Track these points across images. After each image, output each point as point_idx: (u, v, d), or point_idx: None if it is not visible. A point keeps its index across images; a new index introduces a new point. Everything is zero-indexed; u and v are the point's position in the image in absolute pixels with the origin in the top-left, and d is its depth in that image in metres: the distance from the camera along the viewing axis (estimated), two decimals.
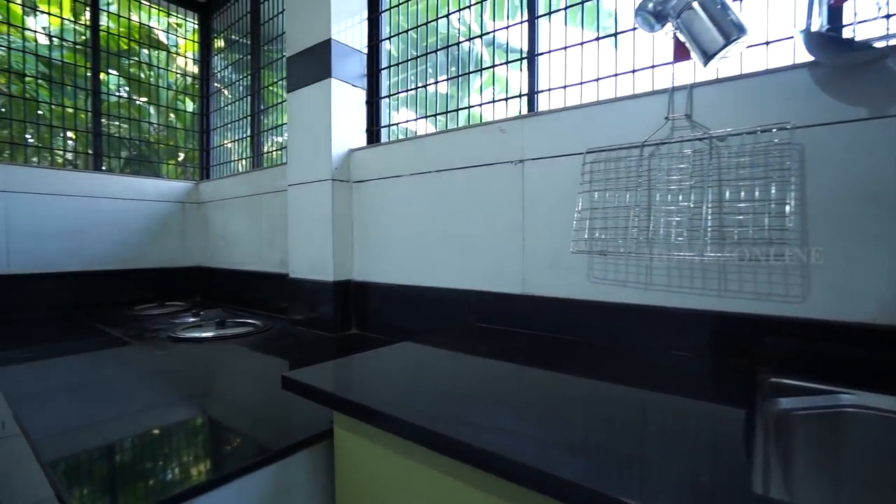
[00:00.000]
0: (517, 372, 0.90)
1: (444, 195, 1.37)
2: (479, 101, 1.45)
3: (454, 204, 1.35)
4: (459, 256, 1.34)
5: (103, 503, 0.62)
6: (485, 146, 1.28)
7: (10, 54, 2.15)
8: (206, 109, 2.67)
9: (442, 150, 1.38)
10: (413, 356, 1.03)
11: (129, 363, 1.29)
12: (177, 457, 0.74)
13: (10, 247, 1.91)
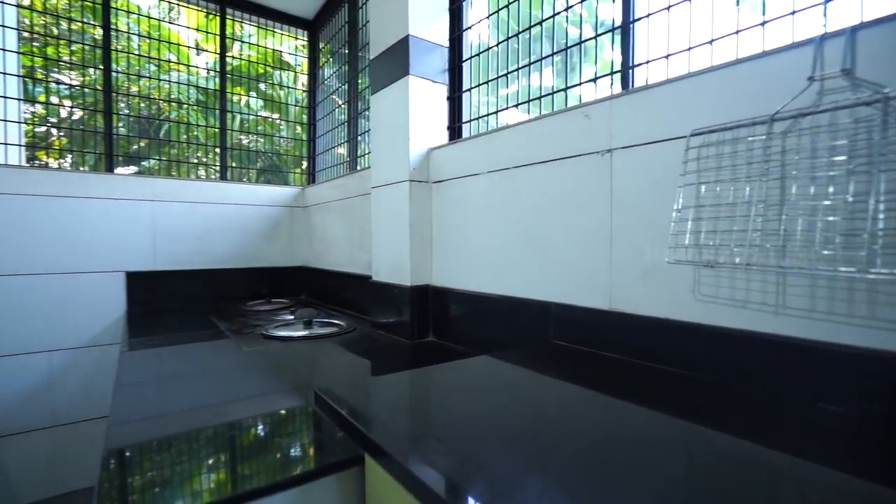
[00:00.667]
0: (598, 408, 0.73)
1: (522, 194, 1.22)
2: (567, 86, 1.26)
3: (533, 203, 1.19)
4: (539, 264, 1.17)
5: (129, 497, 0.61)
6: (567, 136, 1.10)
7: (168, 85, 2.52)
8: (312, 119, 2.86)
9: (519, 144, 1.22)
10: (483, 375, 0.91)
11: (218, 356, 1.38)
12: (212, 460, 0.73)
13: (157, 248, 2.23)
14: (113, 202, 2.12)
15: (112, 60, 2.25)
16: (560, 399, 0.81)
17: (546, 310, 1.14)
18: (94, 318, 2.09)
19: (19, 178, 1.93)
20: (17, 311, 1.93)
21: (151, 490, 0.65)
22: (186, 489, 0.66)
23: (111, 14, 2.25)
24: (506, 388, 0.88)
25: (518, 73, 1.41)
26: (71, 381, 2.05)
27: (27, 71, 2.41)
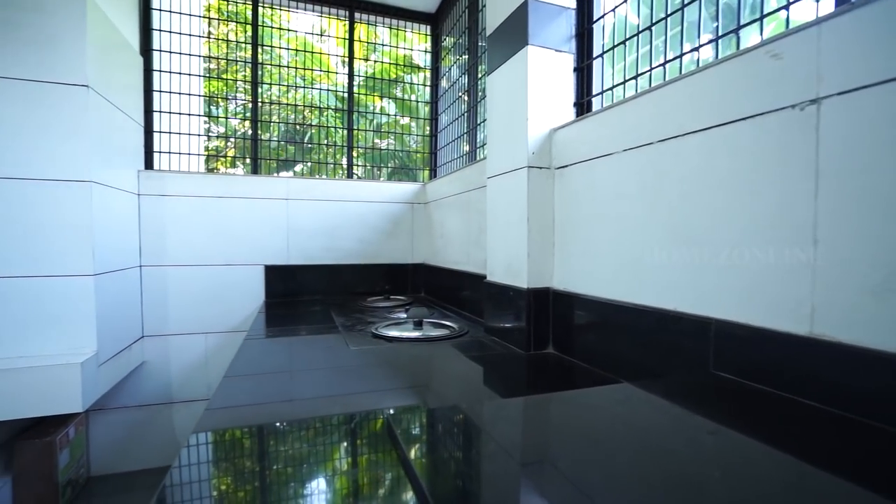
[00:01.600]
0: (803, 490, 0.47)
1: (670, 175, 0.93)
2: (738, 25, 0.94)
3: (685, 187, 0.90)
4: (693, 266, 0.88)
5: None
6: (740, 89, 0.79)
7: (310, 94, 2.71)
8: (435, 113, 2.81)
9: (666, 109, 0.94)
10: (623, 413, 0.69)
11: (325, 352, 1.36)
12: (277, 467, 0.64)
13: (290, 243, 2.39)
14: (255, 201, 2.33)
15: (260, 74, 2.47)
16: (742, 467, 0.55)
17: (703, 328, 0.85)
18: (240, 306, 2.32)
19: (196, 182, 2.22)
20: (184, 296, 2.22)
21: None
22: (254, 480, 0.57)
23: (258, 32, 2.48)
24: (656, 439, 0.65)
25: (667, 26, 1.11)
26: (221, 362, 2.29)
27: (208, 92, 2.80)
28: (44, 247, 1.61)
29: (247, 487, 0.63)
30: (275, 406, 0.93)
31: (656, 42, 1.15)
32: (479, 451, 0.66)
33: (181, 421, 2.26)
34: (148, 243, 2.16)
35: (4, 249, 1.56)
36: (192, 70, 2.41)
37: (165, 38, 2.32)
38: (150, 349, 2.19)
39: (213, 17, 2.63)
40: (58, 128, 1.61)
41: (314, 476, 0.66)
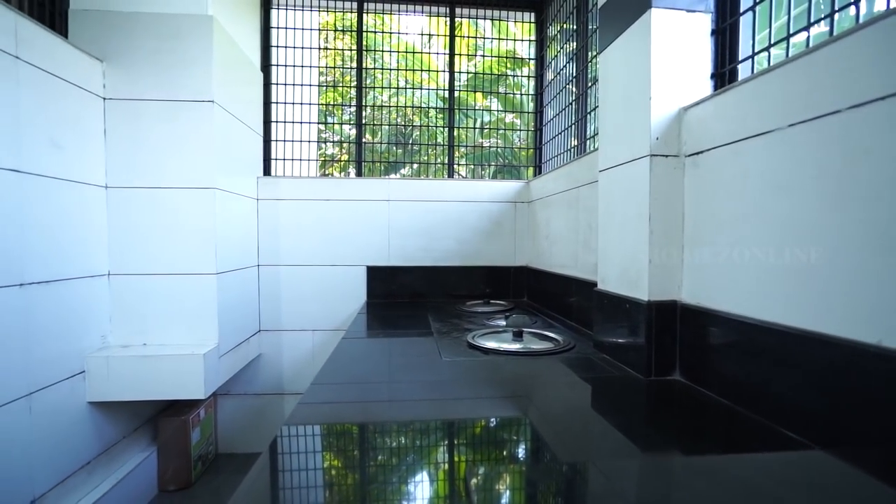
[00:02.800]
0: None
1: (869, 156, 0.66)
2: None
3: (889, 173, 0.63)
4: (888, 279, 0.61)
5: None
6: None
7: (413, 94, 2.72)
8: (539, 106, 2.62)
9: (851, 65, 0.67)
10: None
11: (416, 360, 1.28)
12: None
13: (391, 243, 2.40)
14: (359, 203, 2.37)
15: (365, 79, 2.53)
16: None
17: None
18: (344, 305, 2.38)
19: (306, 186, 2.35)
20: (295, 294, 2.35)
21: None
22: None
23: (363, 37, 2.54)
24: None
25: None
26: (325, 358, 2.38)
27: (320, 101, 2.96)
28: (176, 248, 1.78)
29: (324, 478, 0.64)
30: (353, 405, 0.87)
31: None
32: None
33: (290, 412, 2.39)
34: (265, 244, 2.32)
35: (146, 250, 1.76)
36: (305, 81, 2.54)
37: (282, 54, 2.48)
38: (266, 343, 2.36)
39: (325, 29, 2.76)
40: (187, 140, 1.78)
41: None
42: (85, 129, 1.65)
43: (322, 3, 2.53)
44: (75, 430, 1.60)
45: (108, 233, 1.75)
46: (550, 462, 0.72)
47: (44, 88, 1.46)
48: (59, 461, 1.53)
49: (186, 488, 2.07)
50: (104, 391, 1.66)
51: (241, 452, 2.39)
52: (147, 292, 1.78)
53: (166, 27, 1.75)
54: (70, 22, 1.72)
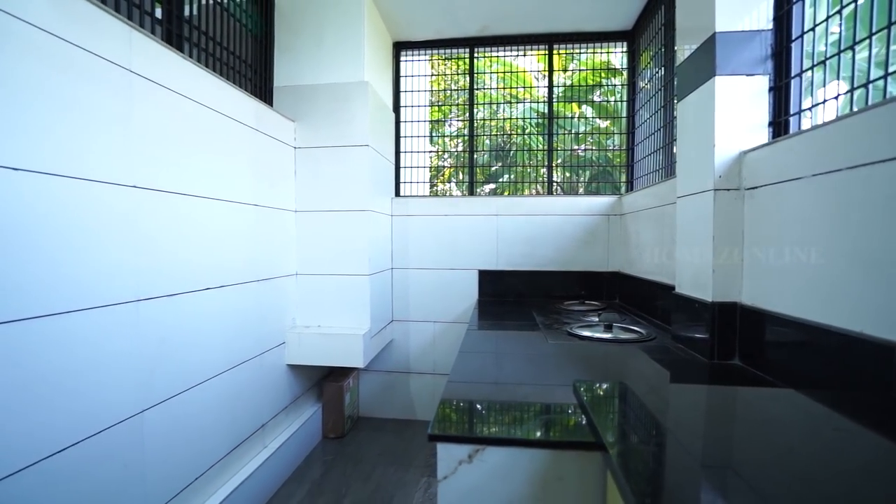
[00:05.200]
0: None
1: (862, 203, 0.96)
2: None
3: (863, 215, 0.92)
4: (867, 286, 0.90)
5: (444, 428, 0.96)
6: None
7: (514, 114, 3.17)
8: (631, 127, 2.89)
9: (847, 138, 0.97)
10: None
11: (528, 345, 1.70)
12: (495, 417, 1.00)
13: (499, 251, 2.85)
14: (471, 217, 2.86)
15: (475, 112, 3.02)
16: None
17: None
18: (459, 302, 2.88)
19: (429, 204, 2.90)
20: (419, 291, 2.91)
21: (459, 423, 0.98)
22: (483, 428, 0.95)
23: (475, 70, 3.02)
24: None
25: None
26: (444, 345, 2.90)
27: (432, 123, 3.53)
28: (341, 255, 2.41)
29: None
30: (488, 385, 1.32)
31: (861, 56, 1.13)
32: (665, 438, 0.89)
33: (415, 387, 2.95)
34: (397, 251, 2.91)
35: (321, 257, 2.41)
36: (426, 115, 3.10)
37: (408, 95, 3.07)
38: (397, 330, 2.94)
39: (440, 74, 3.30)
40: (349, 175, 2.39)
41: (505, 429, 1.00)
42: (285, 171, 2.34)
43: (439, 51, 3.06)
44: (280, 382, 2.28)
45: (297, 244, 2.43)
46: (647, 410, 1.10)
47: (268, 146, 2.15)
48: (274, 402, 2.21)
49: (341, 437, 2.72)
50: (297, 357, 2.33)
51: (375, 416, 3.01)
52: (321, 288, 2.43)
53: (337, 93, 2.39)
54: (275, 95, 2.44)
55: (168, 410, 1.51)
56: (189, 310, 1.61)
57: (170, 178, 1.52)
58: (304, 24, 2.44)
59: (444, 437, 0.89)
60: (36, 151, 1.09)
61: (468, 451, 0.88)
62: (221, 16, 2.04)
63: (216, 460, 1.77)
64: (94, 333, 1.24)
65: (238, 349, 1.92)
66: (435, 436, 0.89)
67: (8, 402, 1.03)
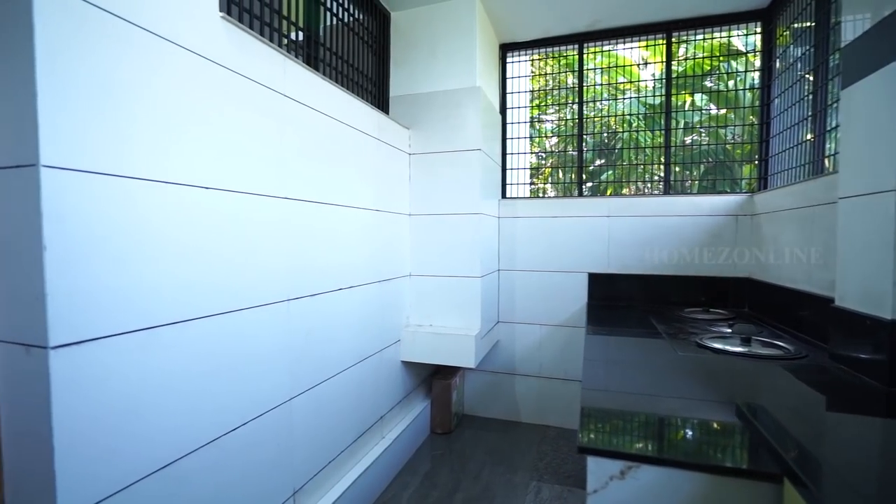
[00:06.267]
0: None
1: None
2: None
3: None
4: None
5: (595, 440, 0.94)
6: None
7: (620, 108, 3.02)
8: (765, 117, 2.60)
9: None
10: None
11: (655, 354, 1.61)
12: (645, 431, 0.96)
13: (610, 254, 2.73)
14: (581, 219, 2.78)
15: (583, 105, 2.92)
16: None
17: None
18: (566, 305, 2.82)
19: (536, 206, 2.88)
20: (525, 294, 2.89)
21: (607, 435, 0.96)
22: (636, 443, 0.92)
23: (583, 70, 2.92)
24: None
25: None
26: (550, 349, 2.86)
27: (534, 122, 3.49)
28: (452, 257, 2.47)
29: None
30: (625, 395, 1.27)
31: None
32: (825, 439, 0.80)
33: (520, 389, 2.94)
34: (503, 253, 2.92)
35: (432, 259, 2.50)
36: (530, 117, 3.07)
37: (513, 97, 3.06)
38: (502, 332, 2.96)
39: (545, 74, 3.24)
40: (460, 179, 2.45)
41: (653, 449, 0.96)
42: (401, 176, 2.46)
43: (546, 50, 3.01)
44: (396, 377, 2.41)
45: (411, 246, 2.55)
46: (832, 442, 1.00)
47: (387, 153, 2.28)
48: (390, 396, 2.35)
49: (448, 433, 2.80)
50: (411, 354, 2.45)
51: (479, 415, 3.05)
52: (433, 289, 2.52)
53: (449, 99, 2.46)
54: (391, 105, 2.57)
55: (311, 399, 1.68)
56: (326, 308, 1.77)
57: (310, 189, 1.68)
58: (418, 36, 2.54)
59: (595, 451, 0.88)
60: (217, 170, 1.27)
61: (620, 467, 0.86)
62: (347, 34, 2.20)
63: (345, 446, 1.93)
64: (258, 328, 1.41)
65: (364, 344, 2.06)
66: (586, 448, 0.88)
67: (203, 385, 1.21)
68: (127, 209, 1.02)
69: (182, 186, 1.16)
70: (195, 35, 1.19)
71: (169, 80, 1.12)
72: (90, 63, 0.95)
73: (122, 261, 1.01)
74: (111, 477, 0.99)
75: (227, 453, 1.30)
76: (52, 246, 0.88)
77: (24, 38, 0.86)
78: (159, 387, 1.10)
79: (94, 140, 0.96)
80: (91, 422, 0.95)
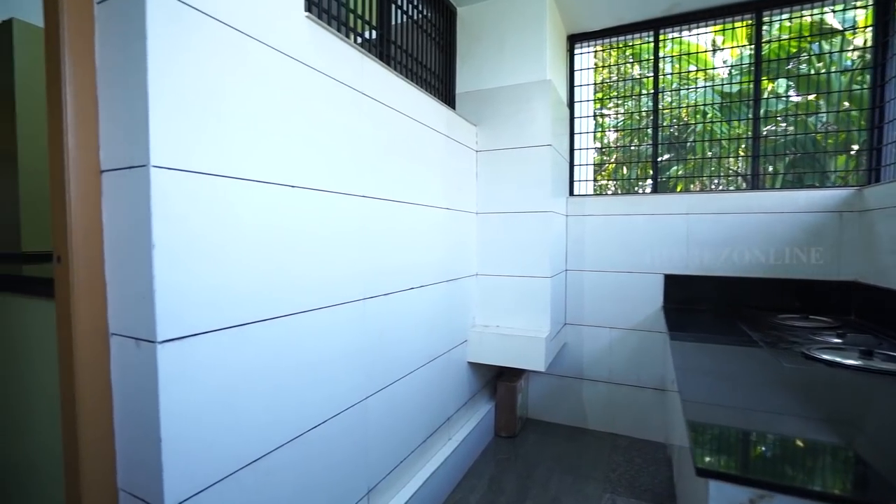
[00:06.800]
0: None
1: None
2: None
3: None
4: None
5: (717, 463, 0.85)
6: None
7: (694, 98, 2.82)
8: (877, 101, 2.31)
9: None
10: None
11: (756, 365, 1.46)
12: (771, 453, 0.86)
13: (689, 254, 2.55)
14: (656, 216, 2.61)
15: (660, 95, 2.74)
16: None
17: None
18: (639, 308, 2.66)
19: (607, 203, 2.75)
20: (594, 295, 2.76)
21: (727, 456, 0.86)
22: (758, 470, 0.82)
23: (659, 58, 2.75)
24: None
25: None
26: (622, 353, 2.71)
27: (599, 115, 3.33)
28: (519, 257, 2.40)
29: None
30: (734, 410, 1.15)
31: None
32: None
33: (588, 394, 2.82)
34: (571, 253, 2.81)
35: (499, 258, 2.44)
36: (596, 110, 2.92)
37: (581, 91, 2.93)
38: (569, 334, 2.84)
39: (618, 64, 3.08)
40: (530, 176, 2.37)
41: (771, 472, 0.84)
42: (468, 174, 2.42)
43: (617, 38, 2.85)
44: (462, 378, 2.38)
45: (477, 245, 2.50)
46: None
47: (456, 151, 2.24)
48: (457, 397, 2.32)
49: (512, 437, 2.73)
50: (477, 355, 2.40)
51: (543, 420, 2.96)
52: (499, 289, 2.46)
53: (518, 94, 2.38)
54: (457, 102, 2.54)
55: (385, 398, 1.67)
56: (398, 308, 1.76)
57: (385, 186, 1.67)
58: (485, 31, 2.49)
59: (720, 475, 0.79)
60: (300, 168, 1.28)
61: (749, 496, 0.76)
62: (416, 32, 2.18)
63: (415, 447, 1.92)
64: (336, 326, 1.42)
65: (433, 345, 2.04)
66: (707, 471, 0.79)
67: (288, 382, 1.23)
68: (224, 208, 1.04)
69: (271, 185, 1.17)
70: (283, 35, 1.21)
71: (258, 79, 1.14)
72: (192, 65, 0.97)
73: (219, 258, 1.03)
74: (210, 468, 1.02)
75: (309, 450, 1.31)
76: (160, 244, 0.91)
77: (137, 42, 0.90)
78: (250, 382, 1.12)
79: (196, 140, 0.98)
80: (192, 415, 0.98)
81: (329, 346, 1.39)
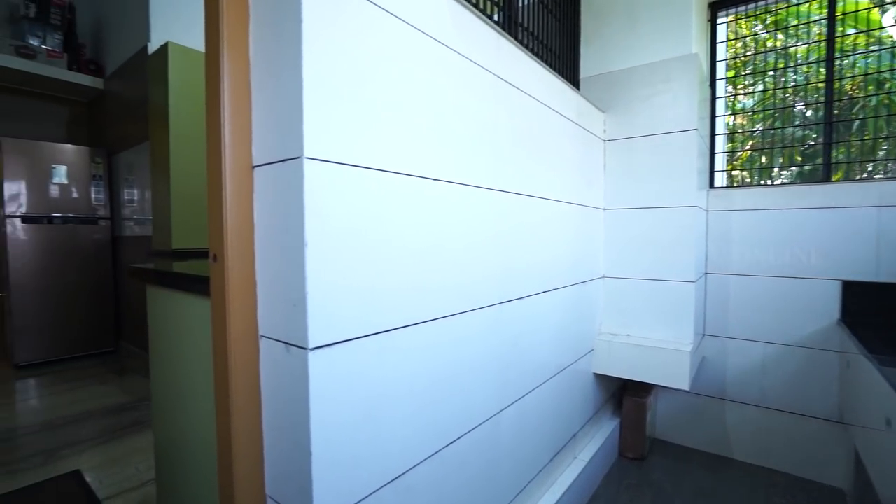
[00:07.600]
0: None
1: None
2: None
3: None
4: None
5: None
6: None
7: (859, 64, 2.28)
8: None
9: None
10: None
11: None
12: None
13: (880, 257, 2.05)
14: (830, 210, 2.15)
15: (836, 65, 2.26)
16: None
17: None
18: (806, 321, 2.21)
19: (760, 196, 2.34)
20: (743, 303, 2.36)
21: None
22: None
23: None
24: None
25: None
26: (779, 374, 2.28)
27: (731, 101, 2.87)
28: (655, 257, 2.11)
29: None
30: None
31: None
32: None
33: (732, 418, 2.42)
34: (712, 253, 2.43)
35: (630, 259, 2.16)
36: (751, 86, 2.50)
37: (723, 67, 2.52)
38: (710, 347, 2.47)
39: (775, 30, 2.62)
40: (671, 166, 2.07)
41: None
42: (597, 166, 2.18)
43: (773, 1, 2.41)
44: (587, 392, 2.15)
45: (604, 244, 2.25)
46: None
47: (586, 140, 2.02)
48: (582, 412, 2.10)
49: (640, 459, 2.43)
50: (605, 366, 2.16)
51: (674, 442, 2.61)
52: (630, 293, 2.19)
53: (656, 73, 2.09)
54: (581, 86, 2.31)
55: (516, 412, 1.52)
56: (531, 313, 1.59)
57: (520, 180, 1.51)
58: (613, 8, 2.23)
59: None
60: (439, 159, 1.17)
61: None
62: (542, 13, 2.00)
63: (543, 465, 1.74)
64: (473, 333, 1.29)
65: (563, 353, 1.85)
66: None
67: (427, 394, 1.13)
68: (372, 202, 0.96)
69: (416, 178, 1.07)
70: (427, 14, 1.10)
71: (403, 63, 1.04)
72: (343, 47, 0.89)
73: (367, 257, 0.95)
74: (355, 485, 0.94)
75: (446, 467, 1.20)
76: (312, 242, 0.84)
77: (293, 24, 0.83)
78: (392, 394, 1.03)
79: (346, 129, 0.90)
80: (340, 427, 0.90)
81: (466, 355, 1.27)
